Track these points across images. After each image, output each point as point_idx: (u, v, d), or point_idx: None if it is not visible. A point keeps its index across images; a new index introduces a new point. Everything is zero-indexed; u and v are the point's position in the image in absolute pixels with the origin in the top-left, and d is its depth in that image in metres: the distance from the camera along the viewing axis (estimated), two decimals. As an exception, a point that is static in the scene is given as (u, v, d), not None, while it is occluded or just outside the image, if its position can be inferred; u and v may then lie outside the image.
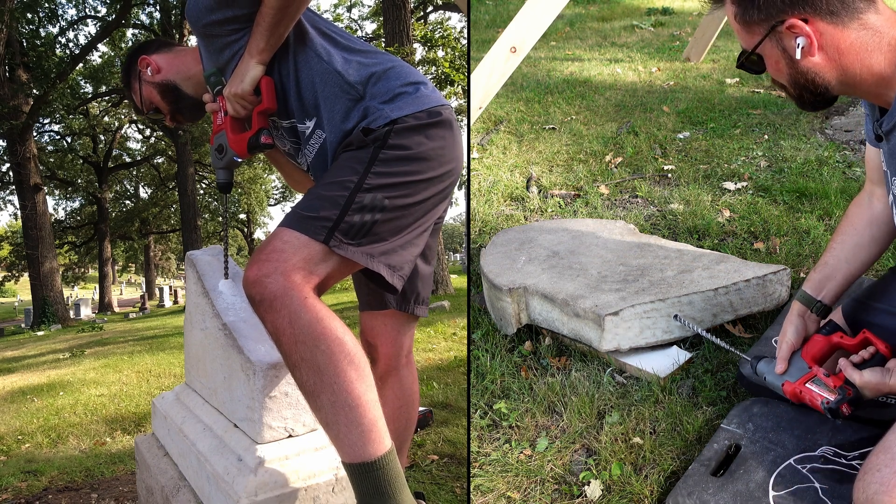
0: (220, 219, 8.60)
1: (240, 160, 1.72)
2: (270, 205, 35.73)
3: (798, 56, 1.40)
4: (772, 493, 1.53)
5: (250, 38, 1.58)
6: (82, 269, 33.72)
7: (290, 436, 1.59)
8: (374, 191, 1.48)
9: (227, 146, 1.68)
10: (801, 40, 1.38)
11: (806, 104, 1.49)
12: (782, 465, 1.59)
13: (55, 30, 19.82)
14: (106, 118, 25.38)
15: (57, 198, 27.96)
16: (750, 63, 1.49)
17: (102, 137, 26.02)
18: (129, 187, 31.69)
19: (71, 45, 20.71)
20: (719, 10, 1.52)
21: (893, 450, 1.31)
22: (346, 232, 1.45)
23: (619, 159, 3.70)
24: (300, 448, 1.57)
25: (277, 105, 1.65)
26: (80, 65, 20.57)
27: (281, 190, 35.38)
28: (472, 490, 1.75)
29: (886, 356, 1.55)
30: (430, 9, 18.82)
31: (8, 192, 22.79)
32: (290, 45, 1.61)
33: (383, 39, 11.65)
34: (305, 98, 1.62)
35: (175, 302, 25.67)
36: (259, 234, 36.20)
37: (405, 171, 1.52)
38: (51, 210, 25.69)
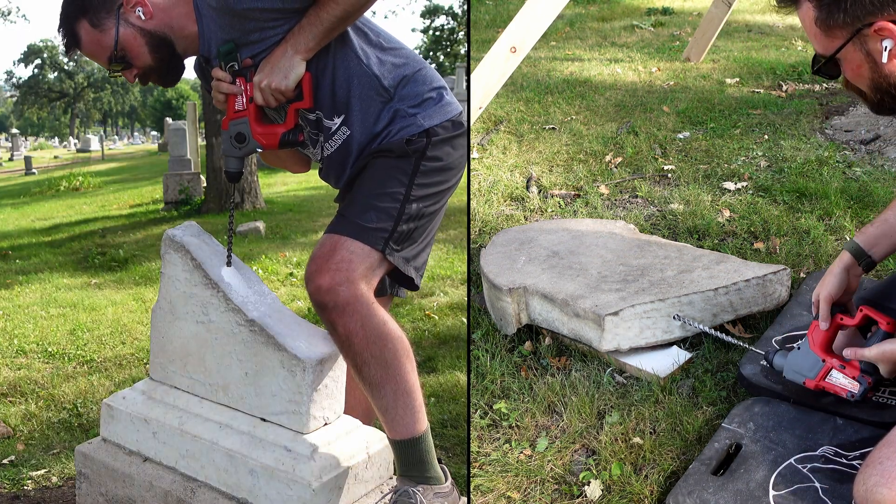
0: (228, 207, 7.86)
1: (260, 151, 1.66)
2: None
3: (885, 59, 1.32)
4: (772, 493, 1.53)
5: (299, 34, 1.54)
6: None
7: (326, 423, 1.69)
8: (417, 201, 1.61)
9: (250, 136, 1.62)
10: (888, 43, 1.30)
11: (884, 109, 1.42)
12: (783, 465, 1.59)
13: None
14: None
15: None
16: (827, 68, 1.41)
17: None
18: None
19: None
20: (791, 13, 1.43)
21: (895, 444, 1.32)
22: (396, 240, 1.60)
23: (619, 159, 3.70)
24: (336, 433, 1.69)
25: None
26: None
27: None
28: (472, 490, 1.75)
29: (889, 332, 1.58)
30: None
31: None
32: (331, 42, 1.59)
33: None
34: (338, 95, 1.62)
35: None
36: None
37: (438, 182, 1.65)
38: None
